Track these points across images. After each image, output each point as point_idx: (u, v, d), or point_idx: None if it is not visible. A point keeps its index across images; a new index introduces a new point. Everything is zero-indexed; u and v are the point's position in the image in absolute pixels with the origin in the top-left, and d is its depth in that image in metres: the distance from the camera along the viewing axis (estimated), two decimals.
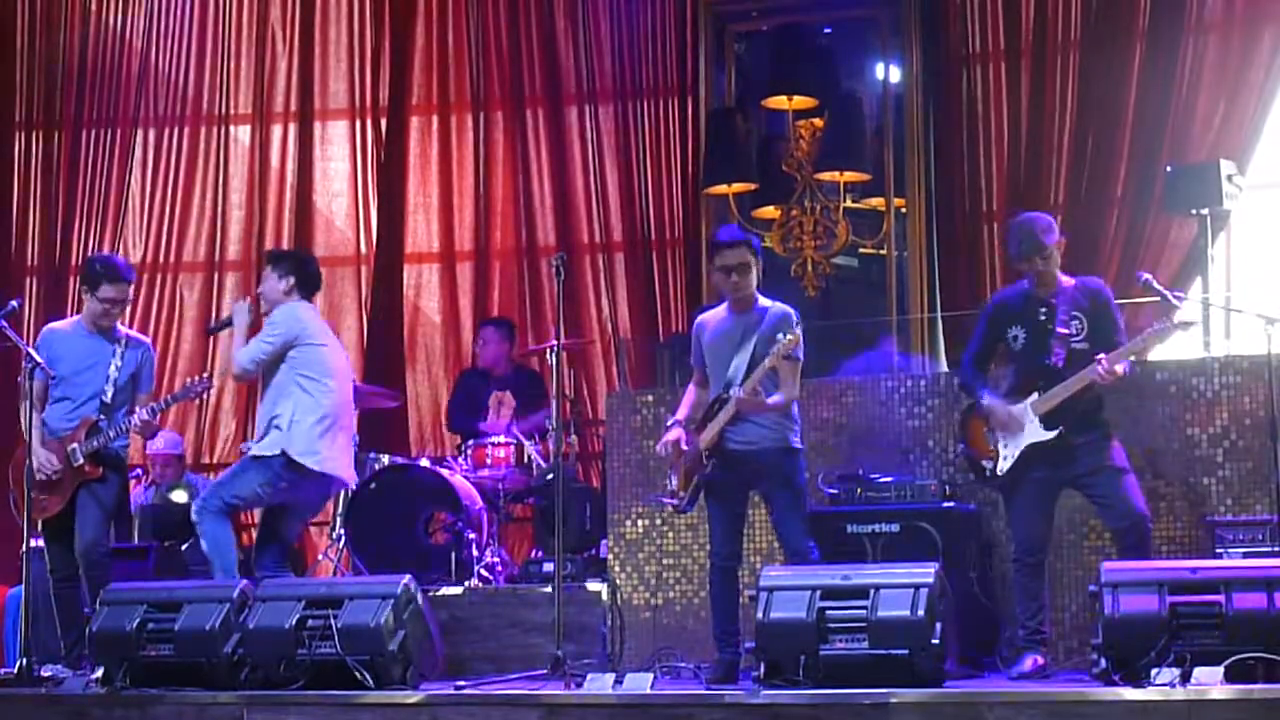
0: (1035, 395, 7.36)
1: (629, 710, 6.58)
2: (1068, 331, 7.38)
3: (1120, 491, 7.27)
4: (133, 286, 8.57)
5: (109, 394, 8.24)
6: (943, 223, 10.69)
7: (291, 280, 8.36)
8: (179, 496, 10.08)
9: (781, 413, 7.37)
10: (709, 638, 7.66)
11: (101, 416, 8.18)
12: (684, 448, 7.47)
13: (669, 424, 7.62)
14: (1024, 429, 7.36)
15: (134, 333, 8.71)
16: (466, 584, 9.08)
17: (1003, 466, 7.44)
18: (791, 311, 7.46)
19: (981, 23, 10.70)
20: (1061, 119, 10.40)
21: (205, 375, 8.62)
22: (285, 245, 11.78)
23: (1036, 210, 8.12)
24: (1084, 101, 10.34)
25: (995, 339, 7.58)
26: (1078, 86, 10.39)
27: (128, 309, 8.58)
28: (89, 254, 10.95)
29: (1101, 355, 7.24)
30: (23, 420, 8.22)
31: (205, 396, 11.46)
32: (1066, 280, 7.47)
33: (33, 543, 8.24)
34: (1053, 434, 7.32)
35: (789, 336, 7.18)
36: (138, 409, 8.22)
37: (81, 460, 8.14)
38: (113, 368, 8.26)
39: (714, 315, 7.66)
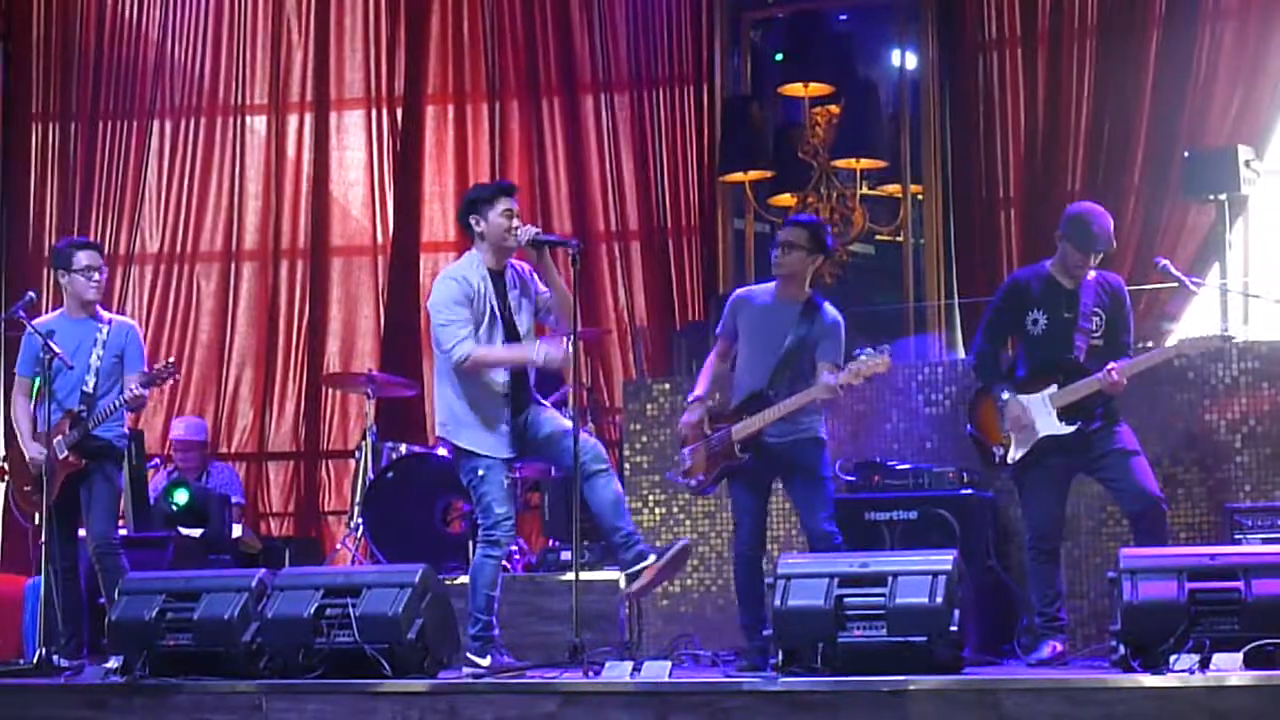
0: (1054, 387, 7.33)
1: (647, 698, 6.57)
2: (1089, 326, 7.35)
3: (1133, 474, 7.26)
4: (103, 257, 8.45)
5: (90, 383, 8.17)
6: (959, 209, 10.65)
7: None
8: (179, 498, 9.82)
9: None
10: (727, 625, 7.67)
11: (83, 407, 8.14)
12: (706, 432, 7.48)
13: (690, 400, 7.62)
14: (1039, 421, 7.34)
15: (118, 316, 8.66)
16: None
17: (1014, 455, 7.41)
18: (841, 318, 7.55)
19: (998, 9, 10.65)
20: (1078, 105, 10.35)
21: (170, 360, 8.45)
22: (301, 235, 11.80)
23: (1051, 195, 8.08)
24: (1101, 88, 10.30)
25: (1012, 320, 7.53)
26: (1095, 73, 10.34)
27: (104, 280, 8.43)
28: (103, 245, 10.87)
29: (1113, 365, 7.22)
30: (13, 414, 8.26)
31: (222, 386, 11.54)
32: (1089, 274, 7.44)
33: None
34: (1072, 428, 7.29)
35: (883, 359, 7.24)
36: (128, 384, 8.16)
37: (65, 453, 8.10)
38: (94, 356, 8.20)
39: (758, 294, 7.69)
